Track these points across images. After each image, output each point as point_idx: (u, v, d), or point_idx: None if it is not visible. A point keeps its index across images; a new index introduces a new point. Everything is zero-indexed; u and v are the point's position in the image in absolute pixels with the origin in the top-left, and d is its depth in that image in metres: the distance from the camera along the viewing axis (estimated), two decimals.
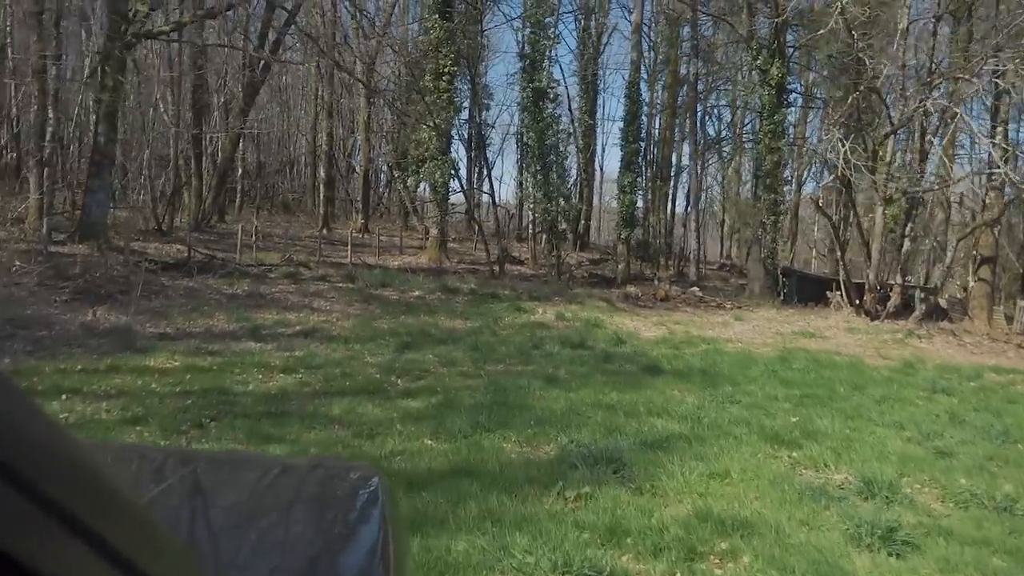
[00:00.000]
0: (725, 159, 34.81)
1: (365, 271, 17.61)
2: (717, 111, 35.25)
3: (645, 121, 28.54)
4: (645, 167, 29.25)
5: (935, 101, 17.52)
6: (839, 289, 20.48)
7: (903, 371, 11.63)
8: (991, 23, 18.80)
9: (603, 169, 40.40)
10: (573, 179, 31.36)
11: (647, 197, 30.41)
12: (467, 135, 30.99)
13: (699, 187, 30.18)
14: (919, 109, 18.22)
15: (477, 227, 24.41)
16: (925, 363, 12.66)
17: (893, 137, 19.82)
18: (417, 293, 16.04)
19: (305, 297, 14.20)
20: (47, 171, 15.73)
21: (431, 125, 20.74)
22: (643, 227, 28.91)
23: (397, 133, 28.29)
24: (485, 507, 4.50)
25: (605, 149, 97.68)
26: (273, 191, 36.36)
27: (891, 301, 19.38)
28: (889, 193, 19.04)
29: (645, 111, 28.37)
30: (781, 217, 24.66)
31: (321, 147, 31.00)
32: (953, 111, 17.57)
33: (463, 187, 25.48)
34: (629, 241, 24.50)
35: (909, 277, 23.21)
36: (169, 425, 6.06)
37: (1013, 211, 24.56)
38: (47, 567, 0.49)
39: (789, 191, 28.75)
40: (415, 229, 28.32)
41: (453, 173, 22.32)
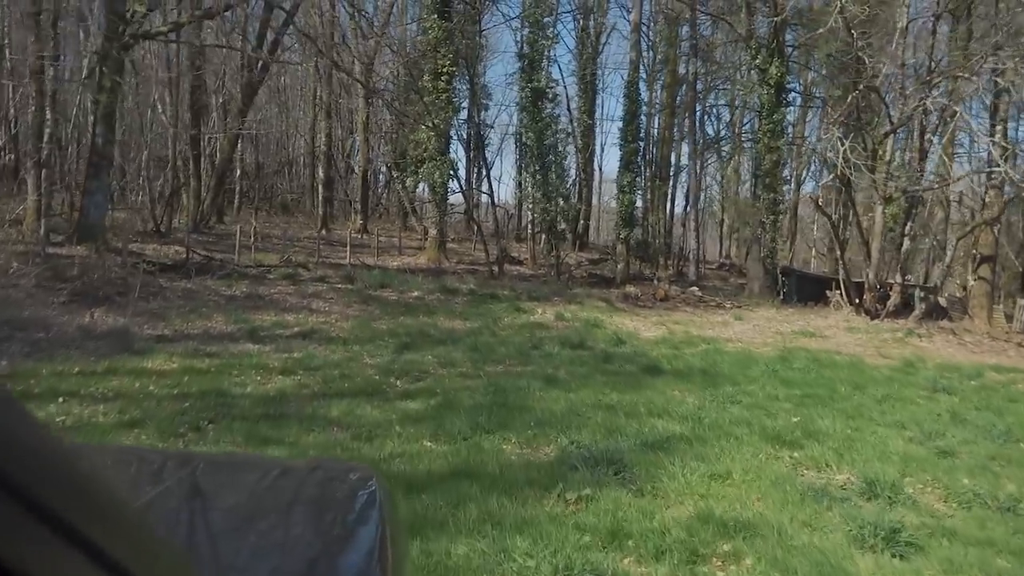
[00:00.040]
0: (724, 158, 34.80)
1: (364, 272, 17.58)
2: (716, 110, 35.34)
3: (644, 121, 28.54)
4: (644, 167, 29.24)
5: (935, 100, 17.48)
6: (839, 288, 20.45)
7: (904, 370, 11.60)
8: (990, 21, 18.77)
9: (602, 169, 40.57)
10: (572, 179, 31.37)
11: (646, 197, 30.40)
12: (466, 135, 31.00)
13: (698, 187, 30.19)
14: (919, 108, 18.20)
15: (476, 227, 24.38)
16: (925, 362, 12.63)
17: (892, 136, 19.80)
18: (416, 294, 16.01)
19: (304, 298, 14.16)
20: (45, 172, 15.68)
21: (430, 125, 20.70)
22: (642, 227, 28.88)
23: (396, 133, 28.28)
24: (485, 510, 4.47)
25: (604, 149, 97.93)
26: (272, 192, 36.34)
27: (891, 300, 19.34)
28: (889, 192, 19.01)
29: (644, 111, 28.36)
30: (780, 216, 24.64)
31: (320, 148, 30.97)
32: (953, 109, 17.54)
33: (462, 187, 25.44)
34: (628, 241, 24.47)
35: (909, 276, 23.17)
36: (166, 428, 6.02)
37: (1012, 210, 24.54)
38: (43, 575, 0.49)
39: (788, 190, 28.73)
40: (414, 230, 28.30)
41: (452, 173, 22.28)
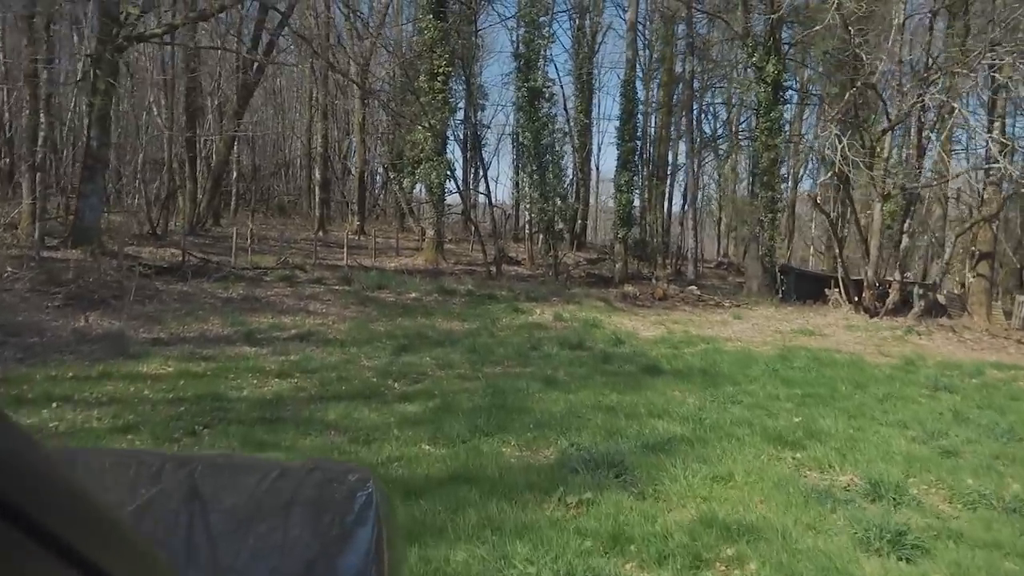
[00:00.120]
0: (721, 157, 34.78)
1: (361, 273, 17.51)
2: (713, 109, 35.28)
3: (641, 120, 28.49)
4: (641, 166, 29.15)
5: (933, 96, 17.44)
6: (837, 286, 20.40)
7: (904, 368, 11.54)
8: (987, 17, 18.74)
9: (599, 168, 40.54)
10: (569, 179, 31.28)
11: (644, 196, 30.32)
12: (463, 136, 30.90)
13: (696, 185, 30.16)
14: (917, 104, 18.15)
15: (474, 228, 24.28)
16: (926, 360, 12.57)
17: (890, 133, 19.74)
18: (414, 295, 15.94)
19: (301, 300, 14.09)
20: (40, 176, 15.59)
21: (426, 126, 20.63)
22: (640, 226, 28.81)
23: (392, 134, 28.19)
24: (485, 515, 4.40)
25: (601, 148, 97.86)
26: (268, 194, 36.24)
27: (890, 298, 19.29)
28: (887, 189, 18.96)
29: (641, 109, 28.30)
30: (778, 214, 24.59)
31: (316, 149, 30.88)
32: (951, 106, 17.50)
33: (459, 188, 25.35)
34: (626, 240, 24.40)
35: (908, 273, 23.13)
36: (161, 433, 5.95)
37: (1010, 206, 24.50)
38: None
39: (786, 188, 28.65)
40: (411, 231, 28.20)
41: (449, 174, 22.19)
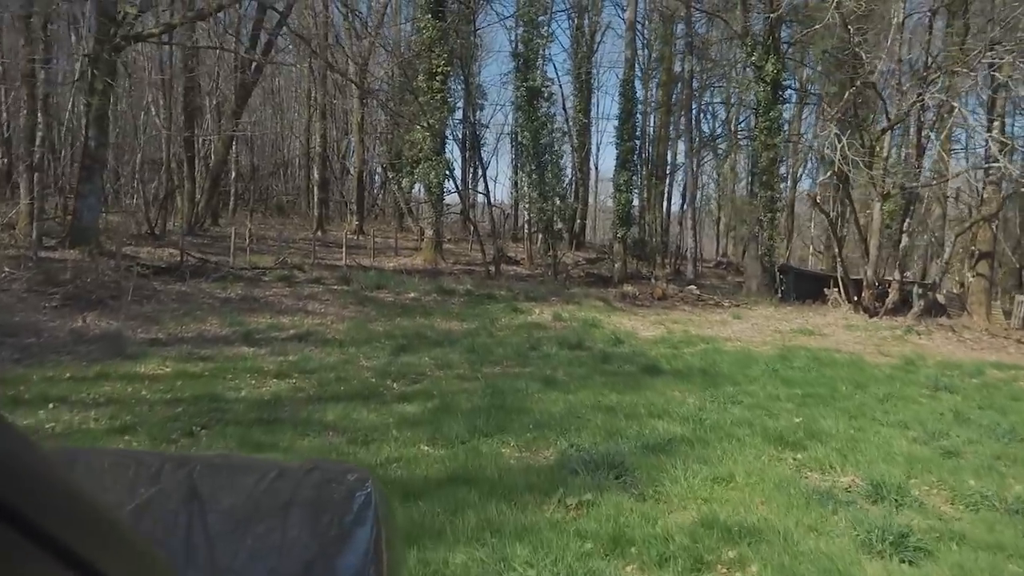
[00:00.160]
0: (720, 156, 34.74)
1: (360, 273, 17.46)
2: (712, 108, 35.23)
3: (640, 119, 28.44)
4: (641, 165, 29.12)
5: (933, 95, 17.41)
6: (836, 286, 20.36)
7: (904, 368, 11.51)
8: (986, 16, 18.71)
9: (598, 168, 40.46)
10: (568, 178, 31.24)
11: (643, 195, 30.31)
12: (461, 135, 30.82)
13: (695, 185, 30.12)
14: (916, 104, 18.12)
15: (472, 228, 24.25)
16: (926, 360, 12.54)
17: (890, 132, 19.71)
18: (413, 295, 15.89)
19: (299, 300, 14.04)
20: (37, 176, 15.55)
21: (425, 126, 20.59)
22: (639, 226, 28.78)
23: (391, 134, 28.14)
24: (484, 517, 4.36)
25: (600, 148, 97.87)
26: (267, 194, 36.19)
27: (889, 297, 19.25)
28: (886, 189, 18.93)
29: (640, 109, 28.26)
30: (778, 214, 24.56)
31: (315, 149, 30.85)
32: (951, 105, 17.47)
33: (458, 188, 25.30)
34: (625, 240, 24.37)
35: (908, 273, 23.10)
36: (158, 434, 5.92)
37: (1008, 205, 24.48)
38: None
39: (785, 188, 28.62)
40: (410, 230, 28.16)
41: (448, 174, 22.16)
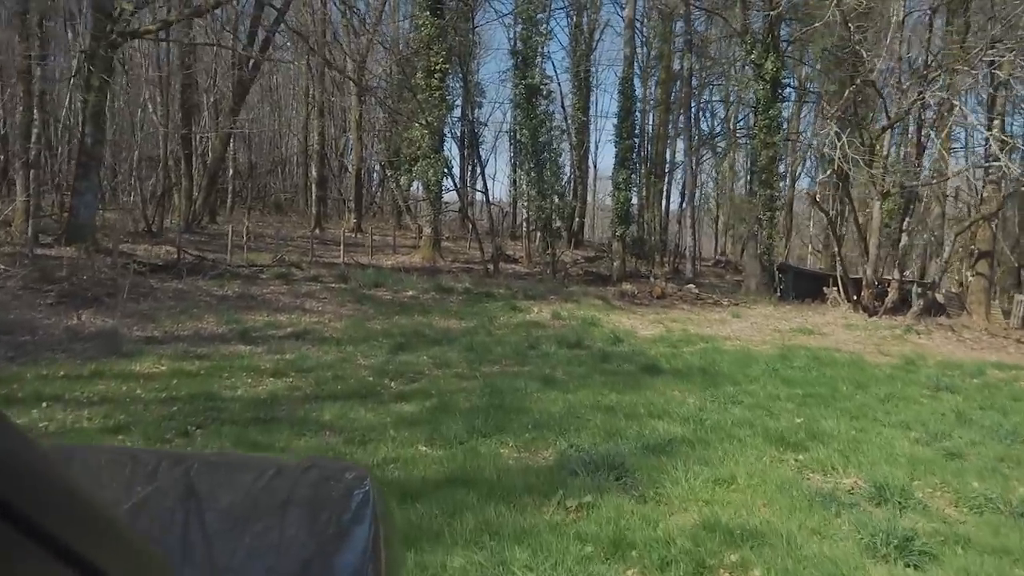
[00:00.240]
0: (719, 155, 34.68)
1: (358, 271, 17.39)
2: (711, 107, 35.20)
3: (639, 117, 28.39)
4: (639, 164, 29.06)
5: (933, 93, 17.35)
6: (836, 285, 20.30)
7: (904, 368, 11.45)
8: (987, 14, 18.66)
9: (597, 166, 40.37)
10: (567, 176, 31.15)
11: (641, 194, 30.25)
12: (460, 133, 30.73)
13: (694, 183, 30.02)
14: (917, 102, 18.06)
15: (471, 226, 24.18)
16: (926, 359, 12.49)
17: (890, 131, 19.66)
18: (411, 293, 15.82)
19: (297, 298, 13.97)
20: (34, 173, 15.49)
21: (423, 123, 20.52)
22: (638, 224, 28.73)
23: (389, 132, 28.06)
24: (482, 519, 4.30)
25: (599, 146, 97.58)
26: (265, 191, 36.13)
27: (888, 297, 19.20)
28: (886, 187, 18.88)
29: (639, 107, 28.21)
30: (777, 213, 24.51)
31: (313, 146, 30.78)
32: (951, 103, 17.42)
33: (456, 185, 25.21)
34: (624, 238, 24.31)
35: (907, 272, 23.06)
36: (153, 433, 5.85)
37: (1008, 204, 24.43)
38: None
39: (784, 186, 28.59)
40: (408, 228, 28.11)
41: (446, 171, 22.08)
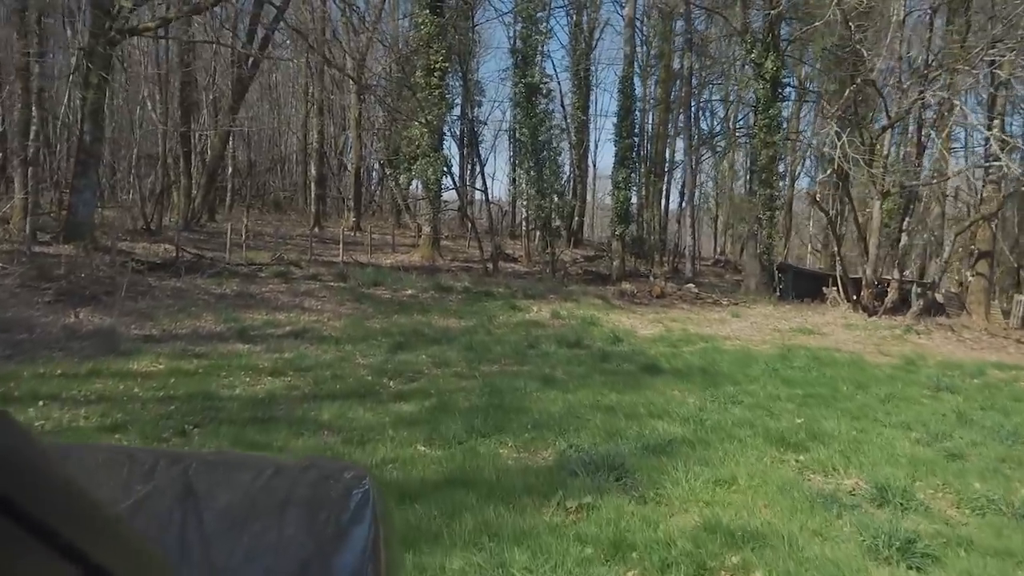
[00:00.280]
0: (719, 154, 34.64)
1: (357, 270, 17.35)
2: (711, 106, 35.15)
3: (639, 116, 28.33)
4: (639, 163, 29.01)
5: (934, 93, 17.32)
6: (835, 285, 20.28)
7: (905, 368, 11.43)
8: (987, 14, 18.63)
9: (596, 165, 40.32)
10: (566, 175, 31.09)
11: (641, 193, 30.20)
12: (459, 132, 30.68)
13: (693, 182, 29.98)
14: (917, 102, 18.03)
15: (470, 224, 24.14)
16: (926, 359, 12.47)
17: (890, 131, 19.62)
18: (410, 292, 15.79)
19: (295, 297, 13.92)
20: (32, 171, 15.44)
21: (423, 122, 20.47)
22: (637, 223, 28.69)
23: (389, 130, 28.00)
24: (482, 520, 4.26)
25: (598, 145, 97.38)
26: (264, 189, 36.08)
27: (888, 296, 19.18)
28: (886, 187, 18.84)
29: (639, 106, 28.16)
30: (776, 212, 24.48)
31: (312, 145, 30.74)
32: (951, 103, 17.39)
33: (456, 184, 25.16)
34: (624, 237, 24.28)
35: (906, 272, 23.04)
36: (150, 432, 5.81)
37: (1007, 204, 24.41)
38: None
39: (783, 186, 28.54)
40: (408, 227, 28.06)
41: (445, 170, 22.03)
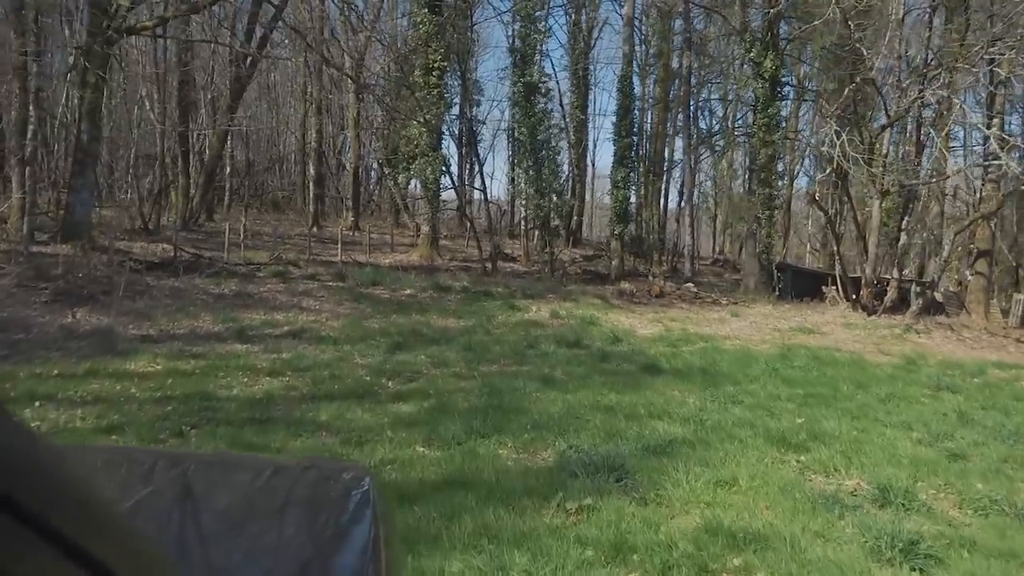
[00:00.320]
0: (718, 153, 34.59)
1: (355, 269, 17.30)
2: (710, 105, 35.10)
3: (637, 116, 28.26)
4: (638, 162, 28.95)
5: (933, 92, 17.29)
6: (834, 284, 20.25)
7: (905, 368, 11.40)
8: (987, 12, 18.60)
9: (595, 164, 40.24)
10: (565, 175, 31.01)
11: (640, 192, 30.14)
12: (458, 131, 30.58)
13: (692, 182, 29.92)
14: (916, 101, 18.01)
15: (469, 224, 24.12)
16: (926, 359, 12.45)
17: (889, 129, 19.60)
18: (408, 291, 15.74)
19: (294, 296, 13.88)
20: (29, 170, 15.37)
21: (421, 121, 20.43)
22: (636, 223, 28.65)
23: (387, 130, 27.97)
24: (481, 522, 4.23)
25: (597, 144, 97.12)
26: (262, 189, 36.01)
27: (888, 296, 19.15)
28: (885, 186, 18.82)
29: (637, 105, 28.08)
30: (775, 211, 24.44)
31: (310, 144, 30.68)
32: (951, 102, 17.36)
33: (454, 184, 25.11)
34: (623, 237, 24.24)
35: (906, 271, 23.01)
36: (147, 433, 5.77)
37: (1006, 203, 24.38)
38: None
39: (782, 185, 28.50)
40: (406, 226, 28.03)
41: (444, 170, 21.98)
